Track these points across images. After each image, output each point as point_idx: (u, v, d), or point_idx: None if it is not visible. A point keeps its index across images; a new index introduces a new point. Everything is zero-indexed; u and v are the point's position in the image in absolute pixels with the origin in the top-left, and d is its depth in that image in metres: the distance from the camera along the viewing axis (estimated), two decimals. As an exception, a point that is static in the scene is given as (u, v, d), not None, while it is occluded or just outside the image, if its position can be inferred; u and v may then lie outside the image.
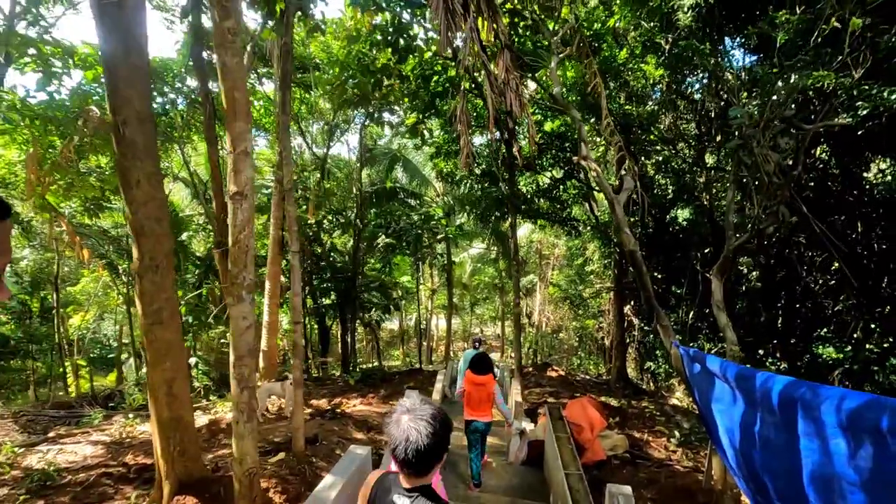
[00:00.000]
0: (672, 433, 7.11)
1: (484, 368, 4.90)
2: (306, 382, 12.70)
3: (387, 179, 18.30)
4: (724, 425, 2.84)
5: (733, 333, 4.38)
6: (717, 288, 4.63)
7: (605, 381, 16.47)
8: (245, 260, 2.77)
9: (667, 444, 6.58)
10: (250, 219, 2.90)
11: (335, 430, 6.10)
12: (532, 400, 11.24)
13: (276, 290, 9.61)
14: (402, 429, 1.58)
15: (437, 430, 1.59)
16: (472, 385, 4.86)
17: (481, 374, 4.85)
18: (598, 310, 18.49)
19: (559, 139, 11.85)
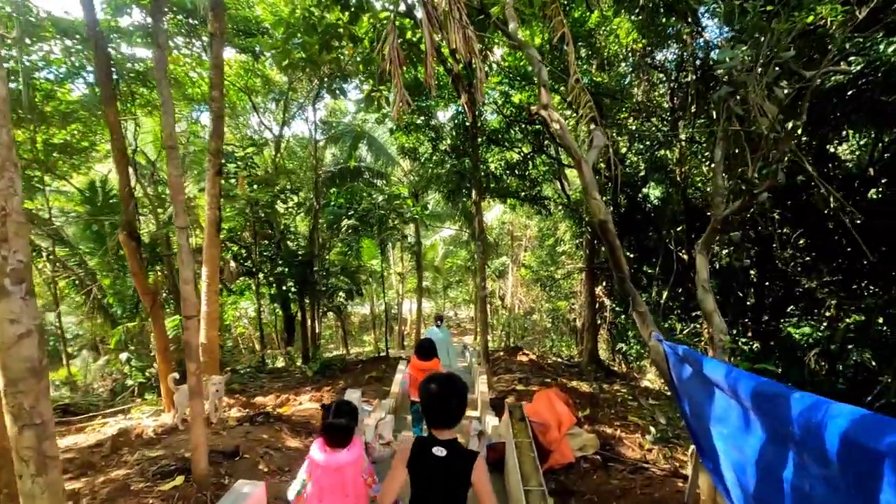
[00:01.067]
0: (647, 427, 6.41)
1: (429, 354, 5.12)
2: (260, 375, 11.68)
3: (350, 158, 17.14)
4: (731, 458, 2.01)
5: (721, 320, 3.58)
6: (702, 265, 3.82)
7: (577, 363, 15.89)
8: (4, 232, 1.76)
9: (641, 442, 5.89)
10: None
11: (264, 439, 5.16)
12: (501, 388, 10.48)
13: (215, 276, 8.50)
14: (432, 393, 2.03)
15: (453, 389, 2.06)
16: (417, 370, 5.08)
17: (426, 360, 5.08)
18: (569, 291, 17.86)
19: (527, 111, 10.92)
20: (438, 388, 2.07)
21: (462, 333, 35.73)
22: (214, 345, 8.59)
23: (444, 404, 2.06)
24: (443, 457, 2.03)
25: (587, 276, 14.59)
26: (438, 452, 2.01)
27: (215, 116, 8.14)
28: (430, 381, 2.11)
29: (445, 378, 2.13)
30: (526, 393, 9.56)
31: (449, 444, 2.05)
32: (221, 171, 8.24)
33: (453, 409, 2.06)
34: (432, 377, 2.13)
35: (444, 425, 2.06)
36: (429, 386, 2.09)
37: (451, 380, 2.12)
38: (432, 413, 2.07)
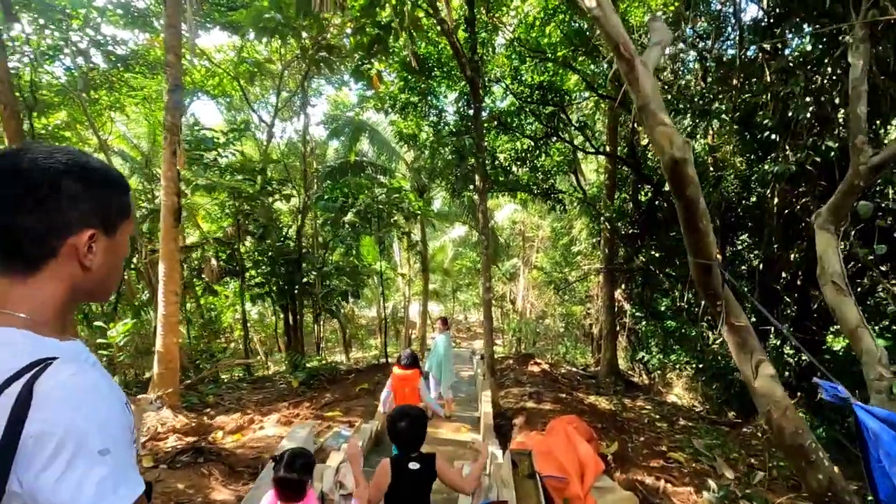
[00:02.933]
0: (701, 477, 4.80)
1: (409, 364, 5.04)
2: (241, 385, 10.27)
3: (350, 151, 15.75)
4: None
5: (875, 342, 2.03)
6: (829, 249, 2.28)
7: (594, 373, 14.24)
8: None
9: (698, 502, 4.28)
10: None
11: (178, 490, 3.70)
12: (508, 404, 8.92)
13: (174, 274, 7.12)
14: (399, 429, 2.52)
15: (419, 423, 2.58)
16: (397, 380, 5.04)
17: (406, 369, 5.00)
18: (585, 295, 16.21)
19: (541, 90, 9.39)
20: (406, 425, 2.51)
21: (472, 338, 34.10)
22: (173, 353, 7.20)
23: (412, 435, 2.53)
24: (417, 469, 2.44)
25: (605, 278, 12.96)
26: (413, 466, 2.44)
27: (172, 86, 6.76)
28: (399, 419, 2.53)
29: (410, 416, 2.57)
30: (537, 413, 8.00)
31: (419, 459, 2.47)
32: (176, 152, 6.84)
33: (418, 438, 2.55)
34: (400, 413, 2.59)
35: (412, 450, 2.53)
36: (399, 423, 2.52)
37: (415, 417, 2.58)
38: (402, 442, 2.54)
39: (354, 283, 13.78)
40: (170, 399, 6.95)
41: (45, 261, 0.80)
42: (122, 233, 0.90)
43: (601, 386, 12.27)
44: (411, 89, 9.14)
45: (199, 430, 5.87)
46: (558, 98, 9.46)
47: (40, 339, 0.77)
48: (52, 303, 0.81)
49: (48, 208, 0.78)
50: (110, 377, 0.82)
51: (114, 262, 0.89)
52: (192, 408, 8.48)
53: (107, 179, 0.87)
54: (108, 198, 0.86)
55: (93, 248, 0.83)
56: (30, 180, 0.77)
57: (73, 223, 0.81)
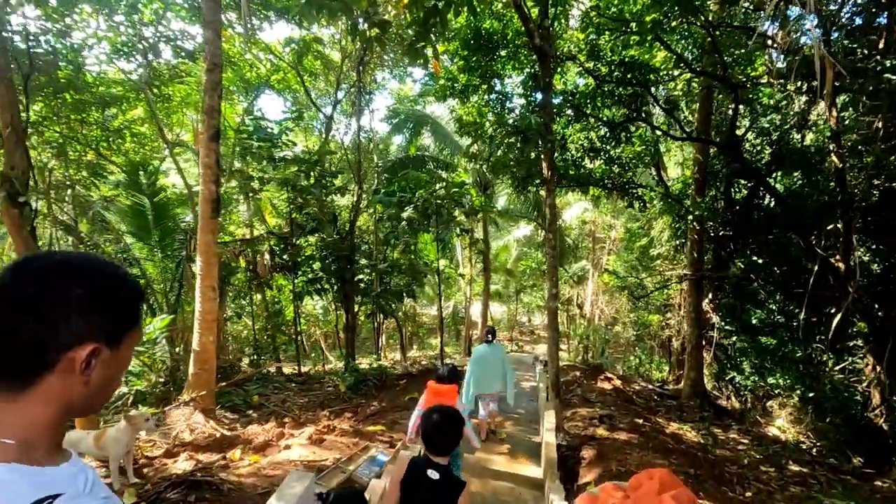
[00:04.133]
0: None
1: (446, 379, 4.50)
2: (290, 385, 9.76)
3: (411, 145, 15.01)
4: None
5: None
6: None
7: (674, 393, 12.49)
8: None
9: None
10: None
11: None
12: (575, 428, 7.67)
13: (211, 268, 6.59)
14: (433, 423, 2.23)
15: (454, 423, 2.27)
16: (432, 394, 4.47)
17: (443, 384, 4.48)
18: (664, 303, 14.39)
19: (622, 68, 8.00)
20: (440, 420, 2.24)
21: (535, 342, 32.54)
22: (209, 353, 6.68)
23: (441, 435, 2.22)
24: (436, 479, 2.15)
25: (691, 285, 11.23)
26: (432, 475, 2.14)
27: (210, 65, 6.20)
28: (433, 412, 2.29)
29: (447, 412, 2.30)
30: (611, 444, 6.70)
31: (442, 469, 2.18)
32: (218, 136, 6.27)
33: (448, 440, 2.22)
34: (437, 409, 2.33)
35: (439, 452, 2.21)
36: (432, 416, 2.27)
37: (451, 415, 2.30)
38: (430, 440, 2.23)
39: (411, 281, 12.99)
40: (204, 402, 6.43)
41: (40, 375, 0.75)
42: (126, 345, 0.84)
43: (684, 409, 10.61)
44: (472, 70, 8.12)
45: (222, 444, 5.23)
46: (642, 77, 8.03)
47: (33, 473, 0.72)
48: (44, 422, 0.76)
49: (49, 320, 0.74)
50: (109, 495, 0.78)
51: (113, 375, 0.83)
52: (236, 408, 8.03)
53: (118, 290, 0.82)
54: (117, 310, 0.81)
55: (92, 363, 0.77)
56: (35, 292, 0.74)
57: (75, 337, 0.75)
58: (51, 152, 11.76)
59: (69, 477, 0.76)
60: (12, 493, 0.67)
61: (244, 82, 15.27)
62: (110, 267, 0.84)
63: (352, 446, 5.42)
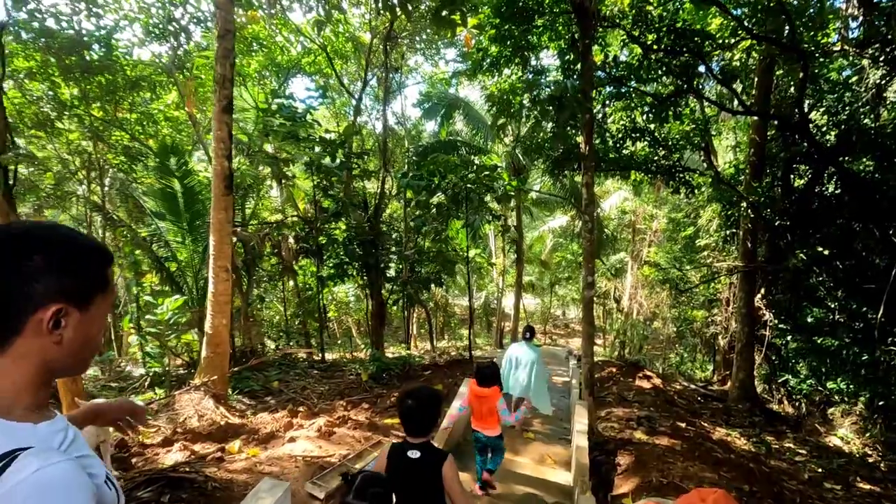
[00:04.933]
0: None
1: (488, 381, 4.22)
2: (311, 372, 9.48)
3: (441, 129, 14.43)
4: None
5: None
6: None
7: (719, 394, 11.52)
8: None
9: None
10: None
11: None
12: (610, 430, 6.99)
13: (225, 248, 6.26)
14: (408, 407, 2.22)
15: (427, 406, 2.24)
16: (474, 397, 4.30)
17: (484, 387, 4.21)
18: (710, 297, 13.31)
19: (672, 35, 7.12)
20: (413, 405, 2.21)
21: (569, 335, 31.56)
22: (222, 336, 6.37)
23: (415, 417, 2.22)
24: (416, 458, 2.15)
25: (743, 279, 10.23)
26: (412, 454, 2.16)
27: (222, 31, 5.81)
28: (408, 397, 2.25)
29: (420, 396, 2.25)
30: (651, 450, 6.00)
31: (422, 447, 2.19)
32: (231, 108, 5.89)
33: (424, 422, 2.23)
34: (410, 393, 2.28)
35: (416, 434, 2.23)
36: (406, 401, 2.23)
37: (425, 398, 2.26)
38: (407, 423, 2.24)
39: (440, 269, 12.46)
40: (215, 386, 6.14)
41: (10, 339, 0.79)
42: (97, 306, 0.87)
43: (731, 413, 9.69)
44: (504, 40, 7.44)
45: (226, 433, 4.88)
46: (695, 45, 7.13)
47: (9, 427, 0.77)
48: (21, 382, 0.80)
49: (10, 285, 0.78)
50: (75, 463, 0.76)
51: (88, 335, 0.87)
52: (254, 394, 7.77)
53: (80, 254, 0.85)
54: (81, 271, 0.84)
55: (62, 323, 0.81)
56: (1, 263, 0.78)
57: (38, 298, 0.79)
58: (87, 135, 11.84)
59: (46, 434, 0.80)
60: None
61: (275, 66, 15.09)
62: (72, 233, 0.86)
63: (363, 441, 4.96)
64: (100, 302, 0.87)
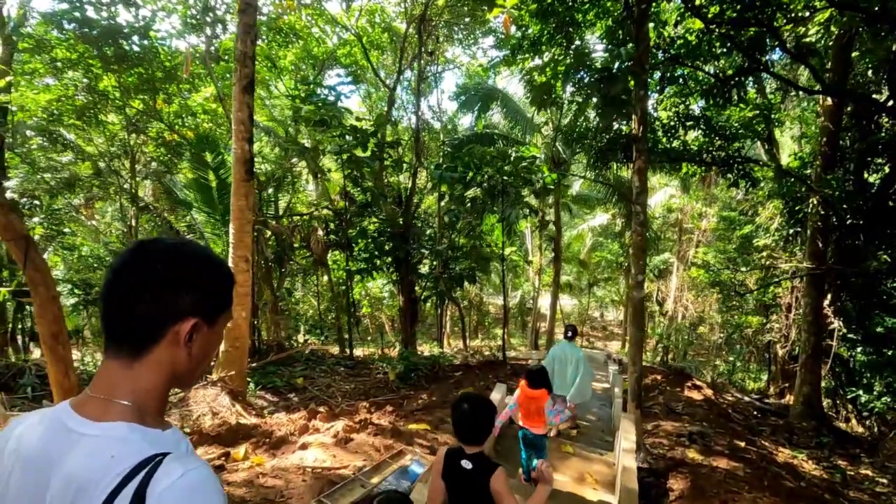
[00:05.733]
0: None
1: (538, 383, 4.39)
2: (338, 369, 9.12)
3: (478, 121, 13.84)
4: None
5: None
6: None
7: (777, 408, 10.44)
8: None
9: None
10: None
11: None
12: (658, 448, 6.24)
13: (244, 237, 5.91)
14: (462, 412, 2.15)
15: (481, 412, 2.17)
16: (524, 398, 4.46)
17: (535, 389, 4.38)
18: (768, 302, 12.14)
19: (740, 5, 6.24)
20: (468, 409, 2.15)
21: (607, 338, 30.30)
22: (241, 330, 6.03)
23: (469, 424, 2.15)
24: (469, 469, 2.11)
25: (810, 283, 9.15)
26: (465, 465, 2.11)
27: (243, 5, 5.43)
28: (462, 401, 2.21)
29: (476, 401, 2.21)
30: (707, 473, 5.23)
31: (475, 458, 2.13)
32: (252, 88, 5.51)
33: (478, 429, 2.15)
34: (466, 398, 2.23)
35: (470, 442, 2.16)
36: (462, 405, 2.18)
37: (480, 404, 2.20)
38: (460, 430, 2.17)
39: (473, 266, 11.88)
40: (233, 382, 5.80)
41: (150, 347, 0.83)
42: (220, 323, 0.92)
43: (794, 431, 8.66)
44: (546, 16, 6.76)
45: (236, 435, 4.48)
46: (766, 16, 6.25)
47: (146, 433, 0.80)
48: (153, 389, 0.84)
49: (161, 297, 0.82)
50: (209, 467, 0.80)
51: (209, 350, 0.92)
52: (277, 390, 7.45)
53: (216, 274, 0.91)
54: (215, 291, 0.90)
55: (194, 337, 0.86)
56: (151, 272, 0.82)
57: (181, 312, 0.84)
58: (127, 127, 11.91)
59: (175, 441, 0.83)
60: (134, 448, 0.76)
61: (311, 58, 14.89)
62: (210, 254, 0.93)
63: (382, 451, 4.46)
64: (223, 320, 0.92)
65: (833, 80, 8.37)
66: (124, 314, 0.81)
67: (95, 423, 0.78)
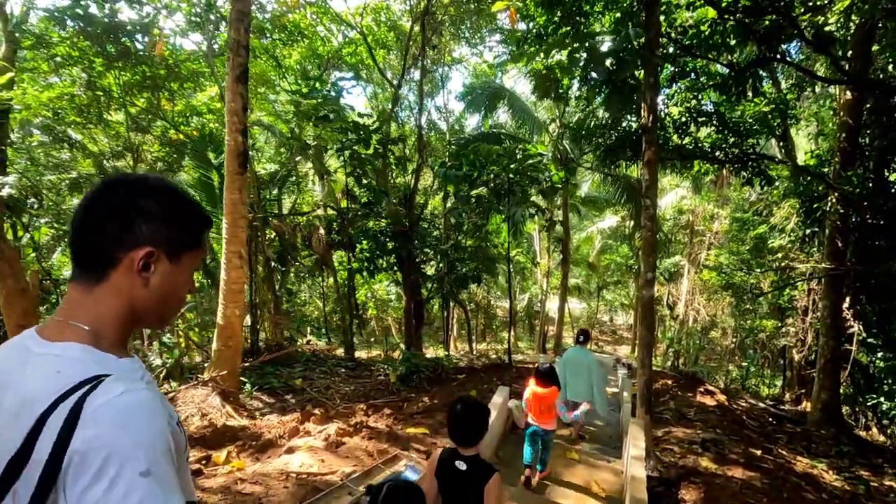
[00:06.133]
0: None
1: (547, 381, 4.57)
2: (338, 370, 8.89)
3: (484, 120, 13.61)
4: None
5: None
6: None
7: (793, 415, 10.02)
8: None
9: None
10: None
11: None
12: (669, 455, 5.92)
13: (238, 232, 5.71)
14: (456, 414, 2.13)
15: (476, 415, 2.13)
16: (535, 396, 4.60)
17: (545, 387, 4.56)
18: (784, 305, 11.72)
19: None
20: (462, 411, 2.13)
21: (616, 342, 29.82)
22: (234, 328, 5.82)
23: (464, 426, 2.12)
24: (463, 470, 2.09)
25: (828, 285, 8.76)
26: (460, 466, 2.09)
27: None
28: (457, 403, 2.18)
29: (470, 404, 2.17)
30: (721, 483, 4.91)
31: (469, 459, 2.11)
32: (245, 77, 5.33)
33: (472, 431, 2.11)
34: (461, 400, 2.20)
35: (464, 444, 2.12)
36: (456, 407, 2.16)
37: (474, 406, 2.17)
38: (455, 432, 2.14)
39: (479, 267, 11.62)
40: (225, 382, 5.58)
41: (108, 271, 0.83)
42: (186, 262, 0.90)
43: (812, 439, 8.26)
44: (552, 5, 6.52)
45: (223, 437, 4.26)
46: (784, 3, 5.94)
47: (98, 355, 0.79)
48: (111, 315, 0.83)
49: (119, 222, 0.82)
50: (162, 398, 0.80)
51: (172, 289, 0.89)
52: (273, 391, 7.23)
53: (182, 208, 0.89)
54: (180, 225, 0.88)
55: (151, 267, 0.84)
56: (114, 198, 0.83)
57: (138, 238, 0.83)
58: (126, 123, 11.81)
59: (130, 368, 0.81)
60: (82, 368, 0.75)
61: (317, 57, 14.76)
62: (180, 190, 0.91)
63: (375, 455, 4.21)
64: (189, 259, 0.90)
65: (853, 70, 8.02)
66: (85, 238, 0.82)
67: (51, 344, 0.79)
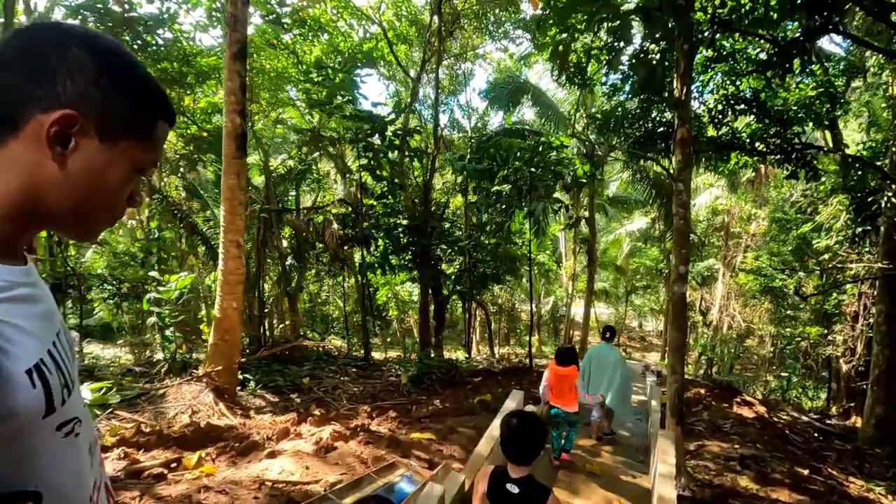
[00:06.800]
0: None
1: (567, 361, 4.54)
2: (347, 369, 8.55)
3: (507, 115, 13.14)
4: None
5: None
6: None
7: (844, 430, 9.12)
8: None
9: None
10: None
11: None
12: (704, 473, 5.29)
13: (237, 220, 5.41)
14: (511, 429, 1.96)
15: (533, 431, 1.95)
16: (554, 376, 4.60)
17: (564, 366, 4.54)
18: (830, 310, 10.78)
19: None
20: (518, 425, 1.99)
21: (645, 349, 28.64)
22: (232, 321, 5.53)
23: (519, 441, 1.96)
24: (515, 494, 1.93)
25: (884, 288, 7.90)
26: (511, 489, 1.94)
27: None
28: (513, 416, 2.05)
29: (527, 418, 2.05)
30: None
31: (522, 482, 1.95)
32: (244, 54, 5.03)
33: (527, 449, 1.95)
34: (516, 414, 2.08)
35: (518, 462, 1.96)
36: (511, 420, 2.03)
37: (531, 421, 2.03)
38: (508, 448, 1.98)
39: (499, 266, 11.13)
40: (221, 378, 5.28)
41: (4, 136, 0.56)
42: (125, 152, 0.61)
43: (866, 458, 7.41)
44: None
45: (206, 437, 3.92)
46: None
47: None
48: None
49: (32, 69, 0.56)
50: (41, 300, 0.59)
51: (99, 182, 0.60)
52: (278, 390, 6.92)
53: (137, 80, 0.62)
54: (125, 94, 0.60)
55: (72, 141, 0.57)
56: (37, 40, 0.57)
57: (57, 95, 0.56)
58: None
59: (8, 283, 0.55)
60: None
61: (337, 53, 14.58)
62: (133, 56, 0.64)
63: (369, 462, 3.79)
64: (130, 148, 0.62)
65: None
66: None
67: None
